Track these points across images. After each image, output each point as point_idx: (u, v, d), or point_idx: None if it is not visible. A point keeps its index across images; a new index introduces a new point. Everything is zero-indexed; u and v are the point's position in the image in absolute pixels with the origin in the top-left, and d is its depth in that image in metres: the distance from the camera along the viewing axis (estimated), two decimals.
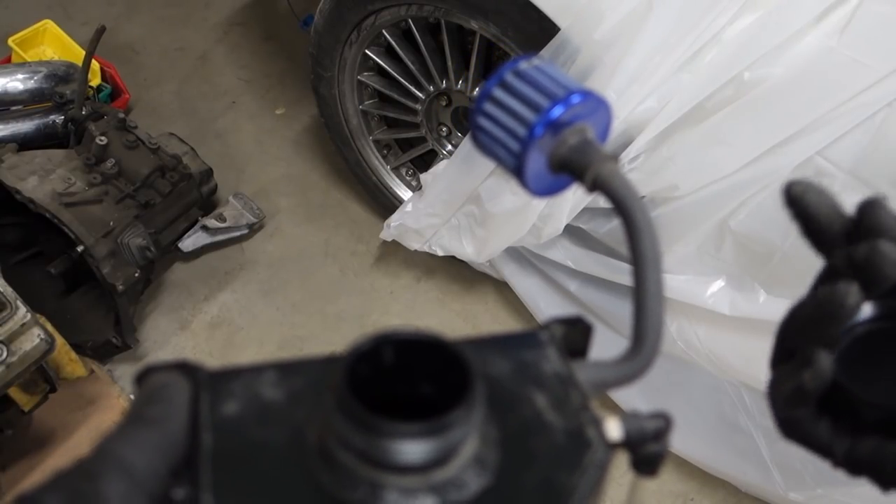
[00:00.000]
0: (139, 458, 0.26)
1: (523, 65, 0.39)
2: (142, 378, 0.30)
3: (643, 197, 0.35)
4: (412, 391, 0.30)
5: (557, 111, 0.36)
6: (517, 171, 0.38)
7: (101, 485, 0.25)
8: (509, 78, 0.38)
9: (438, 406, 0.27)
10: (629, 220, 0.35)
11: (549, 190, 0.40)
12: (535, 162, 0.38)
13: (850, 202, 0.35)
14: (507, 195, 1.43)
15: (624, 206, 0.35)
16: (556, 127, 0.37)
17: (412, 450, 0.27)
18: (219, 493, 0.27)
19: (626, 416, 0.32)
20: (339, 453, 0.27)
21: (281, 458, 0.28)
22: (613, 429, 0.31)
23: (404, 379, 0.30)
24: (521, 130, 0.37)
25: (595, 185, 0.37)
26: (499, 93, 0.38)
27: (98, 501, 0.24)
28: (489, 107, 0.38)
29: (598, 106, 0.38)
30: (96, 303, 1.74)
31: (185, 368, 0.30)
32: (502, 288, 1.84)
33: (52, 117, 1.87)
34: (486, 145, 0.39)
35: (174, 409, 0.29)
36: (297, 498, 0.27)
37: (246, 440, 0.29)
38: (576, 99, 0.37)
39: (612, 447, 0.31)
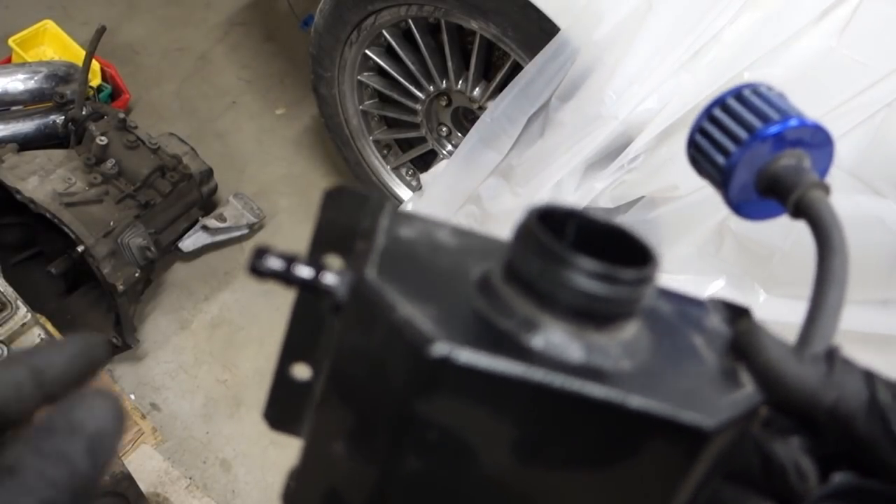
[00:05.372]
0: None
1: (746, 91, 0.40)
2: (334, 192, 0.32)
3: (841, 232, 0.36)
4: None
5: (772, 129, 0.38)
6: (723, 183, 0.39)
7: None
8: (731, 101, 0.40)
9: None
10: (826, 244, 0.34)
11: (754, 212, 0.40)
12: (742, 176, 0.39)
13: (850, 202, 0.35)
14: (507, 195, 1.43)
15: (824, 234, 0.34)
16: (770, 144, 0.38)
17: (579, 286, 0.26)
18: (382, 273, 0.28)
19: None
20: (500, 287, 0.28)
21: (442, 275, 0.29)
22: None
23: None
24: (731, 146, 0.39)
25: (798, 210, 0.36)
26: (718, 112, 0.40)
27: None
28: (707, 125, 0.41)
29: (821, 139, 0.38)
30: (96, 303, 1.74)
31: (378, 196, 0.33)
32: None
33: (52, 117, 1.87)
34: (699, 162, 0.41)
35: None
36: (449, 304, 0.27)
37: (414, 255, 0.30)
38: (793, 123, 0.38)
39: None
